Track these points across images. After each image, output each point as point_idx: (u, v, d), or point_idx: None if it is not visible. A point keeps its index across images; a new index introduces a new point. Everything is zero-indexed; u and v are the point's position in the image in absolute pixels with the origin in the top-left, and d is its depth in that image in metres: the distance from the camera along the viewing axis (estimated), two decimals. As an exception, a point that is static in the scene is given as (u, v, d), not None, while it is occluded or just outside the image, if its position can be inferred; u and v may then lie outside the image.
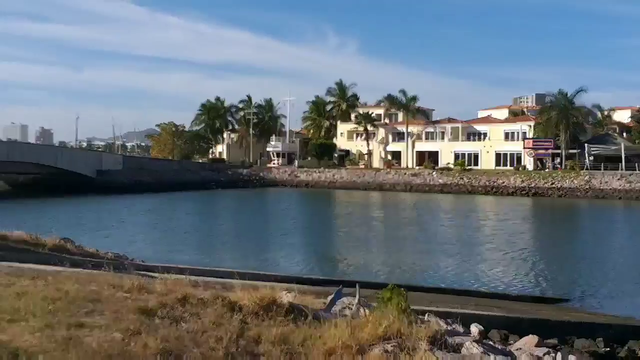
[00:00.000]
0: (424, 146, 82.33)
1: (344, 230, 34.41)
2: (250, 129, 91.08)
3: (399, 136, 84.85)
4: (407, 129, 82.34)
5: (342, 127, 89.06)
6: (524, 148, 72.99)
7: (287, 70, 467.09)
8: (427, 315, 9.64)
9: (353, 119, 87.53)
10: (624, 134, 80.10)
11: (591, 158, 68.45)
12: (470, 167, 73.58)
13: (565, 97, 71.89)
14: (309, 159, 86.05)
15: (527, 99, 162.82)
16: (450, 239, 29.97)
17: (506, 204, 52.88)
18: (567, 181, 62.50)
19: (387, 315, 7.75)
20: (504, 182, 65.23)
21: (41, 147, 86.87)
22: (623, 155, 65.78)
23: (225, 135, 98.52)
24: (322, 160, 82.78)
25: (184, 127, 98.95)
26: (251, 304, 7.73)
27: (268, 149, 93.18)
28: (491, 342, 9.36)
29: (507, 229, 34.86)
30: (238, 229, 35.33)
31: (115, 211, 43.94)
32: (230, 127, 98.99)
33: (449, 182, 68.12)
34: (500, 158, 75.37)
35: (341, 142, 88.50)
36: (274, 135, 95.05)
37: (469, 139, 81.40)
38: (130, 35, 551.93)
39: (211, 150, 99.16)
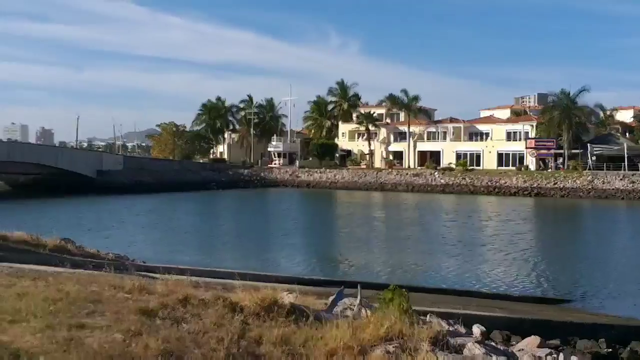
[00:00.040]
0: (425, 146, 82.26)
1: (345, 231, 34.38)
2: (251, 129, 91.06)
3: (401, 136, 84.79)
4: (409, 128, 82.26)
5: (344, 127, 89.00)
6: (527, 148, 72.87)
7: (288, 70, 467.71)
8: (428, 316, 9.63)
9: (354, 118, 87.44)
10: (627, 134, 79.96)
11: (594, 158, 68.35)
12: (472, 167, 73.53)
13: (568, 97, 71.74)
14: (310, 159, 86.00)
15: (530, 98, 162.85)
16: (452, 239, 29.90)
17: (508, 204, 52.80)
18: (569, 181, 62.40)
19: (389, 316, 7.73)
20: (506, 182, 65.12)
21: (41, 148, 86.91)
22: (626, 155, 65.69)
23: (226, 136, 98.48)
24: (324, 160, 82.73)
25: (185, 127, 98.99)
26: (252, 304, 7.73)
27: (269, 149, 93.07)
28: (493, 343, 9.36)
29: (509, 229, 34.79)
30: (239, 229, 35.30)
31: (116, 211, 43.95)
32: (231, 127, 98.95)
33: (451, 182, 68.01)
34: (502, 158, 75.23)
35: (343, 142, 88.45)
36: (275, 135, 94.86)
37: (471, 139, 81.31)
38: (131, 35, 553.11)
39: (212, 150, 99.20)
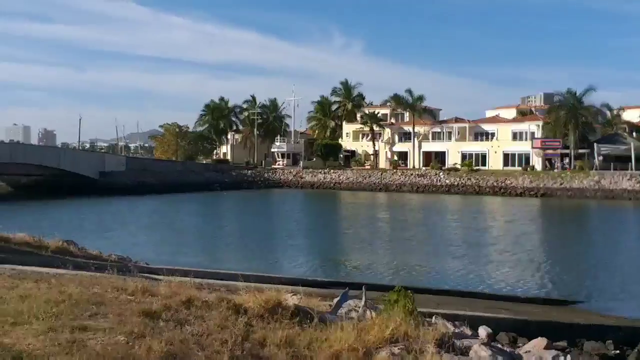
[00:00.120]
0: (430, 146, 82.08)
1: (349, 232, 34.31)
2: (255, 130, 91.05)
3: (406, 136, 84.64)
4: (414, 129, 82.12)
5: (348, 127, 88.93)
6: (533, 148, 72.64)
7: (291, 70, 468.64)
8: (434, 317, 9.58)
9: (359, 119, 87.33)
10: (634, 134, 79.45)
11: (600, 158, 68.03)
12: (477, 167, 73.29)
13: (574, 97, 71.47)
14: (314, 159, 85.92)
15: (535, 98, 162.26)
16: (457, 240, 29.81)
17: (514, 205, 52.63)
18: (576, 181, 62.11)
19: (394, 318, 7.69)
20: (512, 183, 64.91)
21: (44, 149, 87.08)
22: (633, 155, 65.37)
23: (229, 136, 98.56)
24: (328, 160, 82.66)
25: (188, 127, 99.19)
26: (256, 306, 7.69)
27: (273, 150, 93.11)
28: (499, 345, 9.32)
29: (515, 230, 34.67)
30: (242, 230, 35.27)
31: (119, 213, 44.05)
32: (235, 127, 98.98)
33: (456, 183, 67.86)
34: (508, 158, 75.02)
35: (347, 143, 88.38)
36: (279, 135, 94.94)
37: (476, 139, 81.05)
38: (133, 35, 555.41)
39: (215, 151, 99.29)
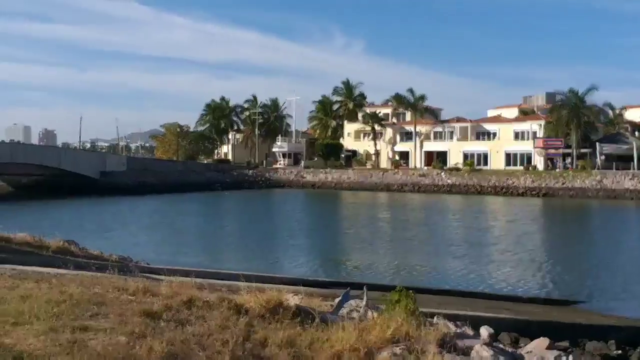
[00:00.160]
0: (432, 146, 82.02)
1: (351, 232, 34.29)
2: (256, 129, 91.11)
3: (407, 136, 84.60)
4: (415, 128, 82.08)
5: (349, 127, 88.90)
6: (535, 148, 72.56)
7: (292, 70, 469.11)
8: (435, 317, 9.57)
9: (360, 118, 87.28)
10: (636, 133, 79.41)
11: (602, 157, 67.95)
12: (479, 167, 73.27)
13: (576, 96, 71.36)
14: (316, 159, 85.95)
15: (537, 97, 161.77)
16: (459, 240, 29.78)
17: (516, 205, 52.57)
18: (578, 181, 62.02)
19: (395, 318, 7.67)
20: (514, 183, 64.83)
21: (44, 149, 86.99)
22: (635, 155, 65.30)
23: (230, 136, 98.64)
24: (329, 160, 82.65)
25: (189, 127, 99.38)
26: (257, 306, 7.68)
27: (274, 150, 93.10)
28: (501, 345, 9.29)
29: (517, 229, 34.64)
30: (243, 230, 35.27)
31: (119, 212, 44.08)
32: (236, 127, 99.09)
33: (457, 183, 67.79)
34: (510, 158, 74.95)
35: (348, 142, 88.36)
36: (280, 135, 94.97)
37: (478, 138, 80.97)
38: (134, 35, 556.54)
39: (216, 150, 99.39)
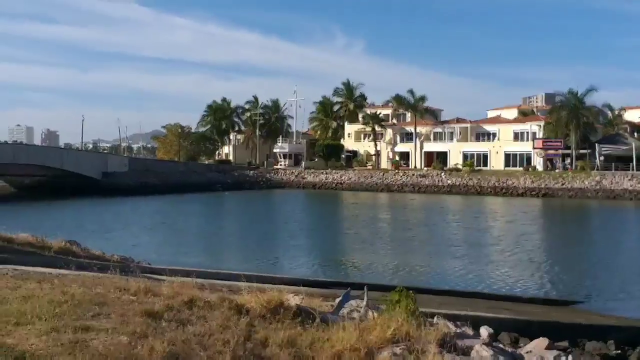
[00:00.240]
0: (432, 147, 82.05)
1: (351, 232, 34.29)
2: (257, 130, 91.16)
3: (407, 137, 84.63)
4: (416, 129, 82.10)
5: (350, 128, 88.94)
6: (534, 148, 72.56)
7: (293, 71, 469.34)
8: (436, 317, 9.58)
9: (360, 119, 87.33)
10: (635, 134, 79.50)
11: (602, 158, 67.97)
12: (479, 167, 73.29)
13: (576, 97, 71.42)
14: (316, 160, 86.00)
15: (537, 98, 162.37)
16: (458, 240, 29.79)
17: (516, 205, 52.57)
18: (577, 182, 62.10)
19: (396, 318, 7.68)
20: (513, 183, 64.88)
21: (47, 149, 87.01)
22: (634, 155, 65.33)
23: (231, 137, 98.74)
24: (330, 161, 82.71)
25: (190, 128, 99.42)
26: (258, 306, 7.70)
27: (275, 150, 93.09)
28: (501, 345, 9.31)
29: (517, 230, 34.63)
30: (244, 230, 35.28)
31: (121, 213, 44.07)
32: (237, 128, 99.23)
33: (457, 183, 67.84)
34: (509, 158, 74.97)
35: (349, 143, 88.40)
36: (281, 136, 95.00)
37: (478, 139, 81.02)
38: (136, 36, 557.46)
39: (217, 151, 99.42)
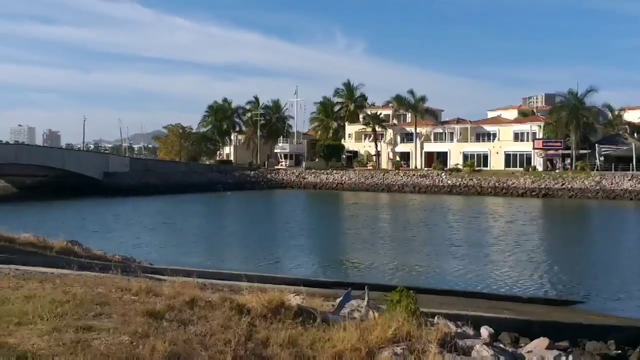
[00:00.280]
0: (432, 147, 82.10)
1: (352, 232, 34.30)
2: (258, 131, 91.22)
3: (408, 137, 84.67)
4: (416, 129, 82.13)
5: (350, 128, 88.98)
6: (534, 149, 72.58)
7: (294, 71, 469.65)
8: (436, 317, 9.58)
9: (361, 119, 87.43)
10: (635, 134, 79.50)
11: (602, 158, 68.02)
12: (479, 168, 73.32)
13: (576, 97, 71.43)
14: (317, 160, 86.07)
15: (537, 99, 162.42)
16: (459, 240, 29.79)
17: (516, 205, 52.56)
18: (577, 182, 62.10)
19: (396, 318, 7.68)
20: (513, 183, 64.88)
21: (48, 150, 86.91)
22: (634, 156, 65.36)
23: (232, 137, 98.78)
24: (330, 161, 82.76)
25: (191, 128, 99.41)
26: (259, 306, 7.71)
27: (275, 151, 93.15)
28: (501, 345, 9.33)
29: (517, 230, 34.62)
30: (245, 230, 35.31)
31: (122, 213, 44.08)
32: (238, 128, 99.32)
33: (458, 183, 67.85)
34: (509, 159, 75.02)
35: (349, 143, 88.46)
36: (282, 136, 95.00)
37: (478, 139, 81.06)
38: (138, 37, 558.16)
39: (218, 151, 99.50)
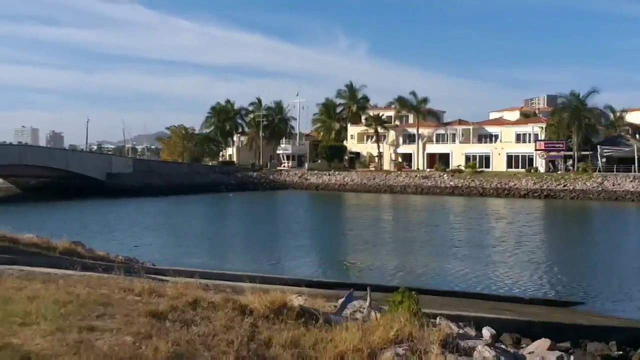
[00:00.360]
0: (434, 148, 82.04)
1: (354, 233, 34.32)
2: (260, 132, 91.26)
3: (410, 138, 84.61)
4: (418, 131, 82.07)
5: (353, 129, 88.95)
6: (536, 150, 72.46)
7: (297, 72, 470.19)
8: (438, 318, 9.58)
9: (363, 121, 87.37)
10: (637, 135, 79.37)
11: (604, 160, 67.89)
12: (481, 169, 73.24)
13: (577, 99, 71.30)
14: (319, 161, 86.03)
15: (539, 100, 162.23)
16: (461, 241, 29.79)
17: (518, 207, 52.53)
18: (579, 183, 62.02)
19: (399, 319, 7.69)
20: (515, 185, 64.81)
21: (52, 151, 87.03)
22: (636, 157, 65.22)
23: (235, 138, 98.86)
24: (333, 162, 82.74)
25: (194, 129, 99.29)
26: (262, 307, 7.72)
27: (278, 152, 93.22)
28: (503, 346, 9.33)
29: (519, 231, 34.62)
30: (248, 231, 35.36)
31: (125, 214, 44.19)
32: (240, 129, 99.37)
33: (460, 185, 67.80)
34: (511, 160, 74.89)
35: (351, 145, 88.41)
36: (284, 137, 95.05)
37: (480, 141, 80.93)
38: (141, 38, 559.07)
39: (221, 153, 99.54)
